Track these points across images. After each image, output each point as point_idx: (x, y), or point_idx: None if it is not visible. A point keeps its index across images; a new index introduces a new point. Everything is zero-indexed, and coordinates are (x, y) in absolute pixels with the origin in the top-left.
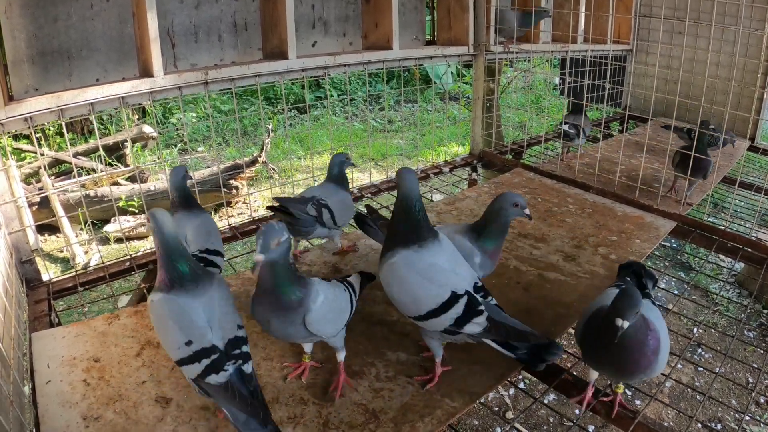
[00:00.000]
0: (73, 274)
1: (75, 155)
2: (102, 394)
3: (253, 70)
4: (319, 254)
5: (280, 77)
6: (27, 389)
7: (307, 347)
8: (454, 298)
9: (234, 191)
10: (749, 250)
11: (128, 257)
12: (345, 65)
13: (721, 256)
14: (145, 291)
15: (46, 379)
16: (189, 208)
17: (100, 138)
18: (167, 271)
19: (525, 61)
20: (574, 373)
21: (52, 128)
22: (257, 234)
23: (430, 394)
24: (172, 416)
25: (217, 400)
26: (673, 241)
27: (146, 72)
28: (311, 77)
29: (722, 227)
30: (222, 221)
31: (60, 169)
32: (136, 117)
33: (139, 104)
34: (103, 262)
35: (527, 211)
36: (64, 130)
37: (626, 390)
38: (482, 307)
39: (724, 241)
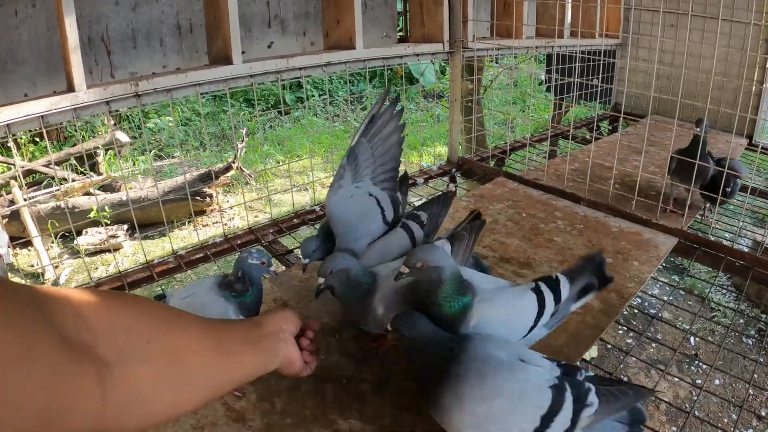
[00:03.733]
0: None
1: (48, 164)
2: None
3: (192, 79)
4: (270, 287)
5: (224, 84)
6: None
7: None
8: None
9: (208, 199)
10: (759, 270)
11: (91, 283)
12: (300, 68)
13: None
14: None
15: None
16: None
17: (72, 146)
18: None
19: (511, 56)
20: None
21: (23, 137)
22: None
23: None
24: None
25: None
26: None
27: (70, 86)
28: (268, 83)
29: (729, 241)
30: (195, 232)
31: (33, 179)
32: (112, 123)
33: (61, 123)
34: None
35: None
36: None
37: None
38: None
39: (732, 259)
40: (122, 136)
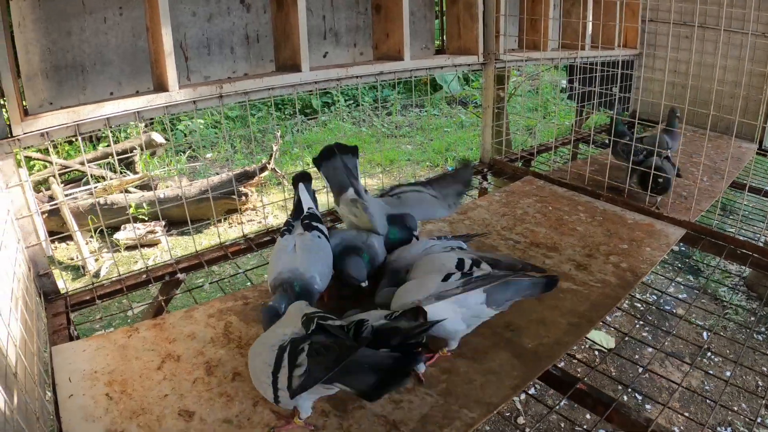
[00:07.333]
0: (91, 286)
1: (83, 163)
2: (125, 408)
3: (267, 83)
4: None
5: (293, 90)
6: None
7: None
8: None
9: (243, 198)
10: (758, 256)
11: (145, 269)
12: (357, 77)
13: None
14: (162, 303)
15: (69, 393)
16: None
17: (109, 146)
18: None
19: (533, 66)
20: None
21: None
22: None
23: (448, 405)
24: (195, 429)
25: None
26: (681, 245)
27: (161, 86)
28: (324, 89)
29: (731, 233)
30: (232, 228)
31: (70, 177)
32: (144, 125)
33: (152, 119)
34: (120, 275)
35: None
36: (80, 139)
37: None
38: None
39: (734, 248)
40: (157, 137)
